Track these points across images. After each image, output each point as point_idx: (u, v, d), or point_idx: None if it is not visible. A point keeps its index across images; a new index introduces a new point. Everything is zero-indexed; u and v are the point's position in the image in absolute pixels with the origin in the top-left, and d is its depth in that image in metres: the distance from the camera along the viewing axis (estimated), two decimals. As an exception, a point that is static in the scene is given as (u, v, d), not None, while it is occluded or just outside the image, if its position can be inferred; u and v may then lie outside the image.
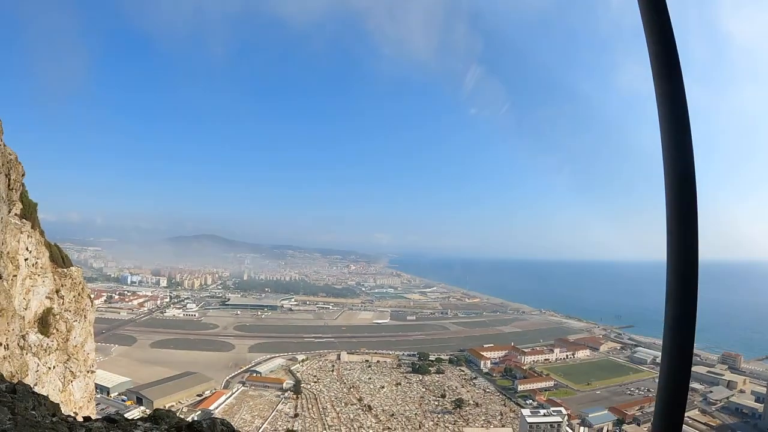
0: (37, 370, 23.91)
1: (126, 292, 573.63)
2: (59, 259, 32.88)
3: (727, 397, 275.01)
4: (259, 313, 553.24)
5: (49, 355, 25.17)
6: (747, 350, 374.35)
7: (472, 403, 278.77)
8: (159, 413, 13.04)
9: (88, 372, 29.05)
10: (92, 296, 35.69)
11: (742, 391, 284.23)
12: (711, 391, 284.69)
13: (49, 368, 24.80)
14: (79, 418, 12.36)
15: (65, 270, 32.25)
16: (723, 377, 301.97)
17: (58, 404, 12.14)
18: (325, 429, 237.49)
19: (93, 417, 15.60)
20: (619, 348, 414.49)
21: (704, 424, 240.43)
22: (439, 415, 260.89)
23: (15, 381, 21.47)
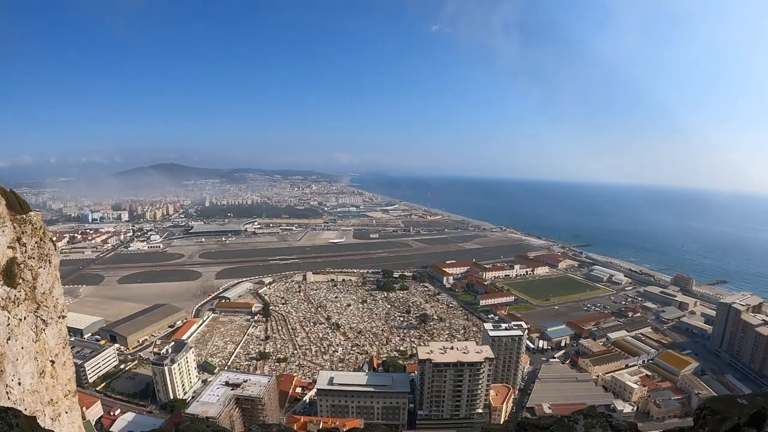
0: (8, 324, 23.80)
1: (88, 231, 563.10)
2: (17, 206, 31.79)
3: (679, 317, 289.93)
4: (223, 238, 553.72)
5: (18, 306, 24.93)
6: (699, 274, 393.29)
7: (436, 318, 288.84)
8: (184, 428, 11.07)
9: (59, 318, 28.87)
10: (54, 239, 35.17)
11: (692, 313, 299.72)
12: (663, 311, 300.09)
13: (20, 320, 24.67)
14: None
15: (24, 216, 31.47)
16: (675, 298, 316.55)
17: (34, 418, 10.68)
18: (295, 349, 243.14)
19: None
20: (576, 265, 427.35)
21: (656, 341, 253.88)
22: (405, 331, 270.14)
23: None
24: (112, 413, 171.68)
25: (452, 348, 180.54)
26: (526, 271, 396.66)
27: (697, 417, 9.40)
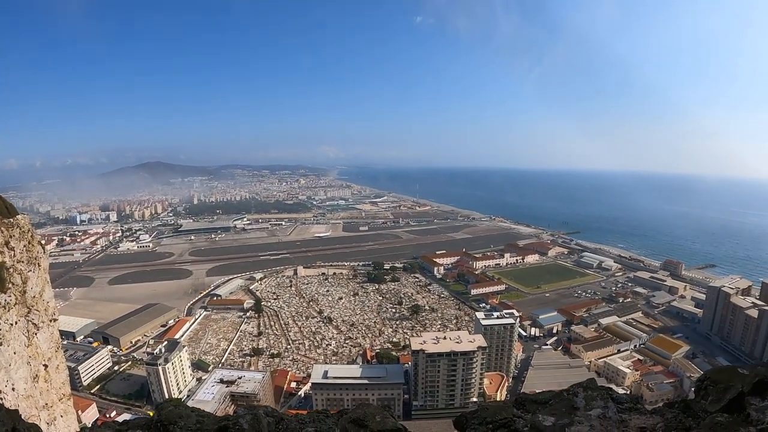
0: (0, 329, 23.55)
1: (77, 233, 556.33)
2: (3, 210, 31.20)
3: (669, 302, 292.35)
4: (213, 236, 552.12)
5: (8, 311, 24.63)
6: (688, 259, 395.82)
7: (428, 308, 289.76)
8: (167, 414, 10.28)
9: (50, 321, 28.57)
10: (43, 242, 34.50)
11: (682, 297, 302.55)
12: (654, 296, 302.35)
13: (11, 325, 24.40)
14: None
15: (11, 220, 30.87)
16: (665, 283, 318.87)
17: (16, 411, 9.12)
18: (289, 344, 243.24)
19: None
20: (566, 253, 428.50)
21: (647, 325, 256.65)
22: (397, 322, 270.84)
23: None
24: (107, 415, 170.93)
25: (445, 338, 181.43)
26: (517, 260, 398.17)
27: (699, 388, 9.34)
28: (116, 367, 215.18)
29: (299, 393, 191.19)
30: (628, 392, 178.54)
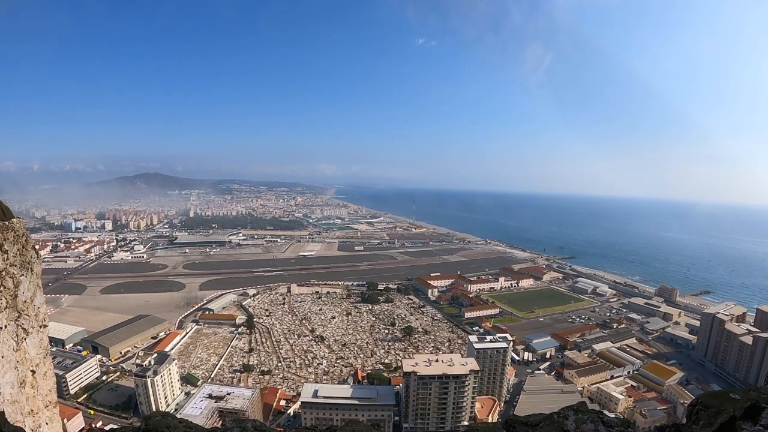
0: (-12, 333, 23.15)
1: (71, 239, 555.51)
2: (-1, 213, 31.07)
3: (663, 328, 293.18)
4: (208, 249, 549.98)
5: (-2, 315, 24.43)
6: (683, 285, 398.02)
7: (421, 330, 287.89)
8: (154, 423, 10.39)
9: (40, 327, 28.27)
10: (37, 247, 34.27)
11: (677, 323, 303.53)
12: (648, 322, 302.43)
13: (1, 328, 24.20)
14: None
15: (6, 223, 30.65)
16: (659, 309, 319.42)
17: (1, 413, 9.85)
18: (279, 361, 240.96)
19: None
20: (561, 278, 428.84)
21: (641, 351, 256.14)
22: (390, 343, 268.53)
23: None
24: (93, 425, 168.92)
25: (437, 360, 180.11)
26: (511, 284, 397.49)
27: (690, 412, 9.25)
28: (104, 377, 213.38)
29: (288, 411, 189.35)
30: (621, 417, 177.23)
